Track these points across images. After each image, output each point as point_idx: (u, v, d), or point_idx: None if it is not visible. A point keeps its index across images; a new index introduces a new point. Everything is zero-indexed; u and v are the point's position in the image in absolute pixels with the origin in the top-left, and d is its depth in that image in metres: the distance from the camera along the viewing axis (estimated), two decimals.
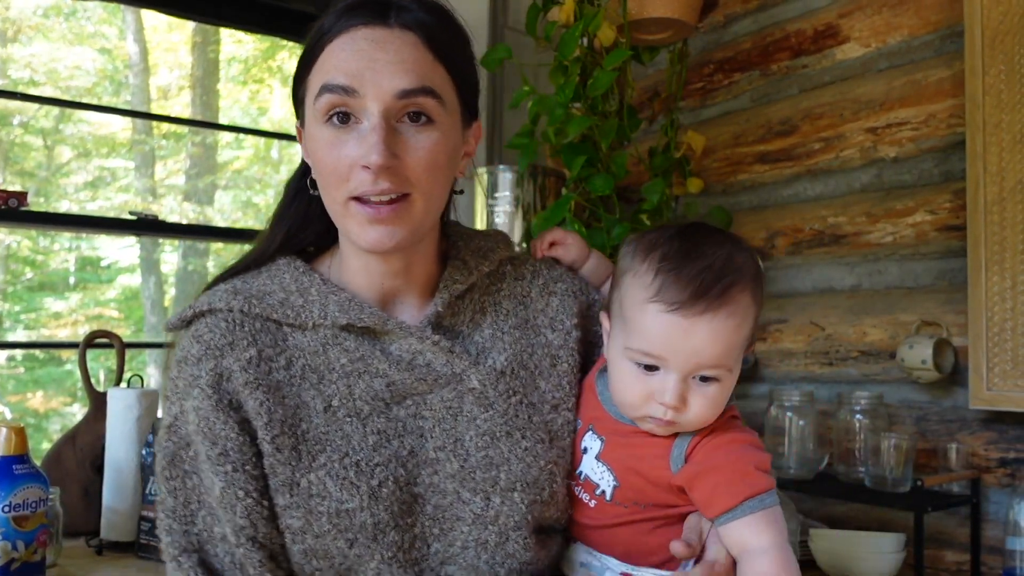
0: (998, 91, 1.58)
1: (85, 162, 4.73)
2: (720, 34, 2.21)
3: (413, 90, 0.79)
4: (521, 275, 0.97)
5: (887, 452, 1.59)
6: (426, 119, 0.81)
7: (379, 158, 0.77)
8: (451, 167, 0.85)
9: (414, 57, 0.80)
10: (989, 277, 1.58)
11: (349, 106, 0.79)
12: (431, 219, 0.85)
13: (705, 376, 0.80)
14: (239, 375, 0.82)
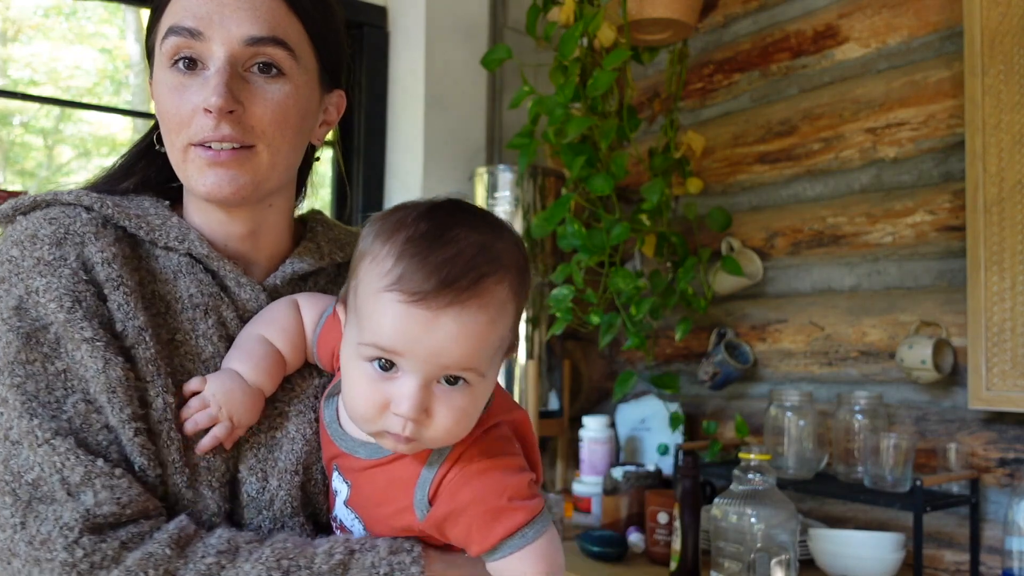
0: (997, 92, 1.59)
1: (85, 162, 4.73)
2: (720, 34, 2.21)
3: (262, 38, 0.75)
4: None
5: (886, 452, 1.60)
6: (276, 71, 0.77)
7: (219, 99, 0.72)
8: (303, 126, 0.80)
9: (267, 5, 0.76)
10: (988, 277, 1.58)
11: (195, 50, 0.75)
12: (277, 176, 0.80)
13: (451, 379, 0.67)
14: (101, 269, 0.75)
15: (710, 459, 1.97)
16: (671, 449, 2.10)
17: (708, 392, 2.17)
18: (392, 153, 2.43)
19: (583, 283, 1.95)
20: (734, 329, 2.12)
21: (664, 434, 2.16)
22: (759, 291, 2.07)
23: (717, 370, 2.04)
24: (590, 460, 2.16)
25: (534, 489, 0.73)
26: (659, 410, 2.19)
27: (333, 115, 0.88)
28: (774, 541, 1.37)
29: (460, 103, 2.49)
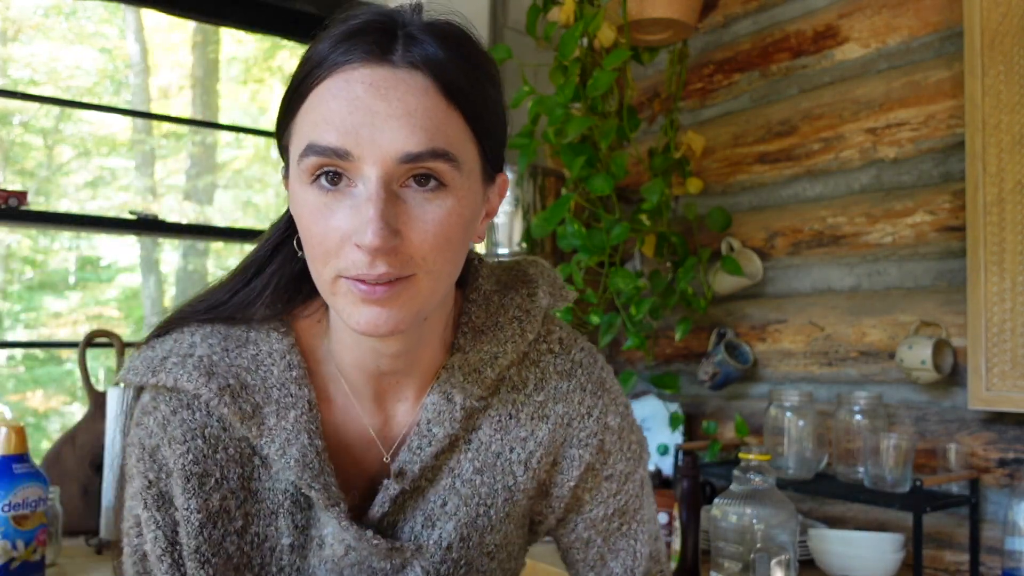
0: (997, 92, 1.59)
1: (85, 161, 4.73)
2: (720, 35, 2.21)
3: (421, 153, 0.63)
4: (522, 382, 0.79)
5: (886, 452, 1.60)
6: (436, 183, 0.65)
7: (376, 239, 0.61)
8: (466, 238, 0.69)
9: (423, 107, 0.64)
10: (988, 278, 1.58)
11: (341, 168, 0.64)
12: (438, 299, 0.69)
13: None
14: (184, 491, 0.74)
15: (710, 459, 1.97)
16: (671, 449, 2.10)
17: (708, 392, 2.17)
18: None
19: (583, 283, 1.95)
20: (734, 329, 2.12)
21: (664, 434, 2.16)
22: (759, 291, 2.07)
23: (717, 370, 2.04)
24: None
25: None
26: (659, 410, 2.19)
27: (495, 203, 0.76)
28: (774, 541, 1.37)
29: None
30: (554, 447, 0.79)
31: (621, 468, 0.84)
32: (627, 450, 0.85)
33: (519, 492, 0.79)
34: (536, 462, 0.79)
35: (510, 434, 0.77)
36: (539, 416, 0.78)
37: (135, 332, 4.89)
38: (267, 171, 5.34)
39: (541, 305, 0.80)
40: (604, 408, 0.82)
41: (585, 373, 0.81)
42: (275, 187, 5.44)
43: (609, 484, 0.84)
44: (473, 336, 0.77)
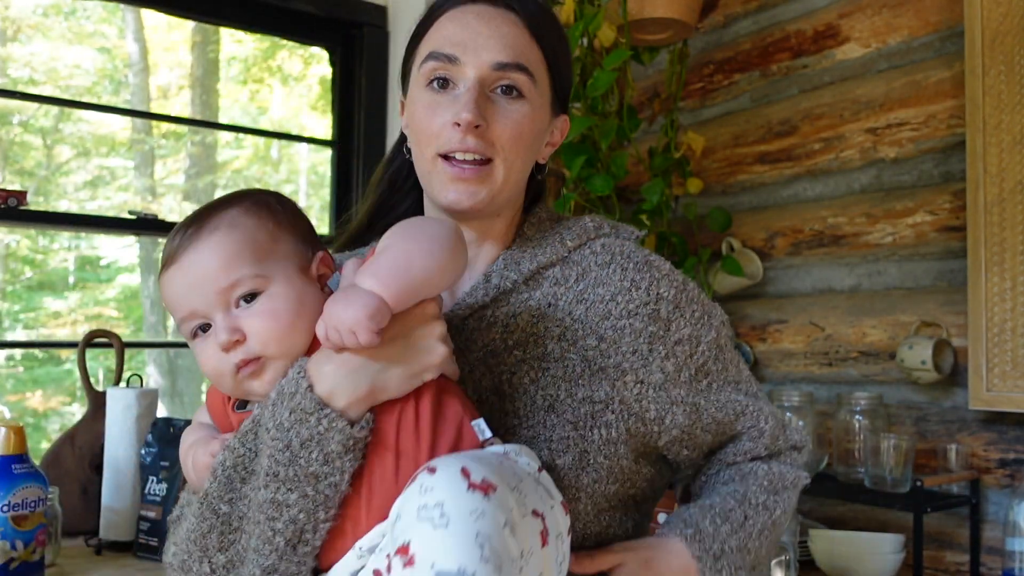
0: (998, 92, 1.59)
1: (84, 161, 4.73)
2: (720, 34, 2.21)
3: (508, 64, 0.84)
4: (565, 278, 0.91)
5: (887, 453, 1.60)
6: (517, 93, 0.86)
7: (469, 115, 0.82)
8: (535, 144, 0.89)
9: (514, 34, 0.86)
10: (989, 278, 1.58)
11: (449, 72, 0.85)
12: (509, 188, 0.87)
13: (243, 293, 0.75)
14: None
15: None
16: None
17: None
18: None
19: None
20: (734, 329, 2.12)
21: None
22: (759, 291, 2.07)
23: None
24: None
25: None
26: None
27: (557, 137, 0.95)
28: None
29: None
30: (592, 324, 0.87)
31: (688, 332, 0.89)
32: (690, 316, 0.90)
33: (554, 356, 0.86)
34: (572, 336, 0.87)
35: (547, 318, 0.88)
36: (577, 300, 0.89)
37: (134, 332, 4.89)
38: (267, 171, 5.33)
39: (587, 226, 0.94)
40: (654, 280, 0.89)
41: (624, 256, 0.91)
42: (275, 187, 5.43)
43: (682, 348, 0.89)
44: (521, 243, 0.93)
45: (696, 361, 0.90)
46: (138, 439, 1.60)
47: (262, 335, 0.74)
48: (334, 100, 2.39)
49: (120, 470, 1.60)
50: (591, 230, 0.94)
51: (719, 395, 0.92)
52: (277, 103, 5.09)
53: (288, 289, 0.76)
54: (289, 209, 0.81)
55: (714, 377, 0.92)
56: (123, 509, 1.59)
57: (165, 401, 4.71)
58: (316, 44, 2.43)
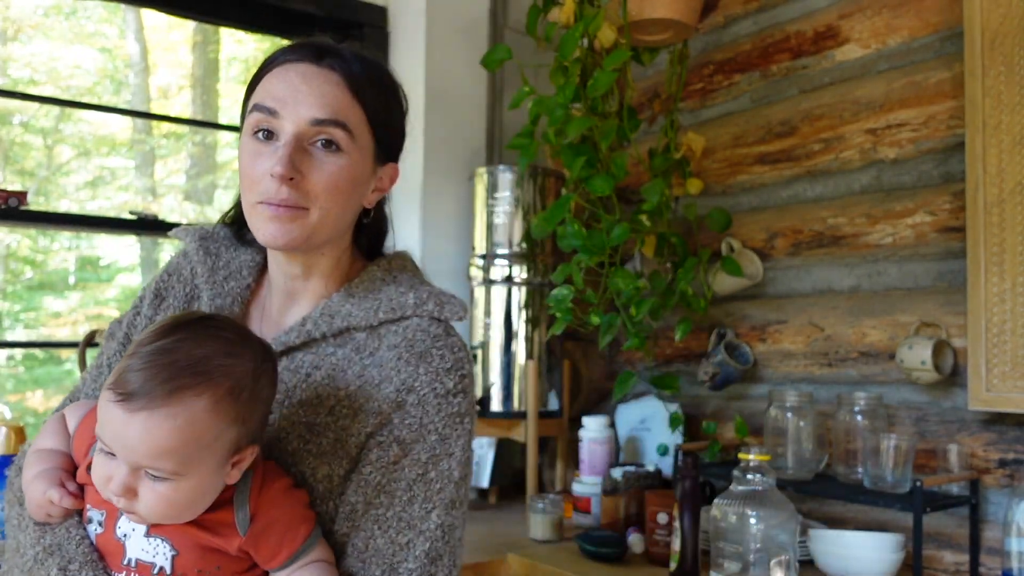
0: (998, 92, 1.59)
1: (85, 161, 4.73)
2: (720, 35, 2.21)
3: (325, 120, 0.91)
4: (364, 347, 0.97)
5: (886, 453, 1.60)
6: (335, 147, 0.92)
7: (282, 168, 0.88)
8: (354, 192, 0.95)
9: (333, 93, 0.92)
10: (988, 278, 1.58)
11: (271, 124, 0.91)
12: (326, 232, 0.94)
13: (153, 474, 0.78)
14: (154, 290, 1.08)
15: (710, 459, 1.97)
16: (671, 449, 2.10)
17: (708, 392, 2.17)
18: None
19: (583, 283, 1.95)
20: (734, 329, 2.12)
21: (664, 434, 2.16)
22: (759, 292, 2.07)
23: (717, 370, 2.04)
24: (590, 460, 2.16)
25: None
26: (659, 410, 2.19)
27: (386, 183, 1.03)
28: (774, 542, 1.37)
29: (460, 103, 2.49)
30: (356, 403, 0.93)
31: (410, 437, 0.92)
32: (425, 424, 0.92)
33: (319, 429, 0.93)
34: (339, 411, 0.93)
35: (335, 382, 0.95)
36: (359, 375, 0.95)
37: None
38: None
39: (406, 302, 0.98)
40: (416, 372, 0.94)
41: (410, 343, 0.95)
42: None
43: (395, 449, 0.92)
44: (343, 298, 0.99)
45: (392, 474, 0.92)
46: None
47: (151, 510, 0.80)
48: None
49: None
50: (408, 307, 0.98)
51: (368, 524, 0.91)
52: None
53: (196, 485, 0.80)
54: (262, 392, 0.85)
55: (388, 505, 0.91)
56: None
57: None
58: None
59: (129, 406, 0.77)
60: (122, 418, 0.77)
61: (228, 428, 0.81)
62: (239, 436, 0.82)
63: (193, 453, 0.78)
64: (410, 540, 0.91)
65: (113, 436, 0.78)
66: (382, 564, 0.90)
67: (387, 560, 0.90)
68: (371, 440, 0.92)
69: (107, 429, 0.79)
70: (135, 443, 0.77)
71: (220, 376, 0.80)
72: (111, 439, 0.78)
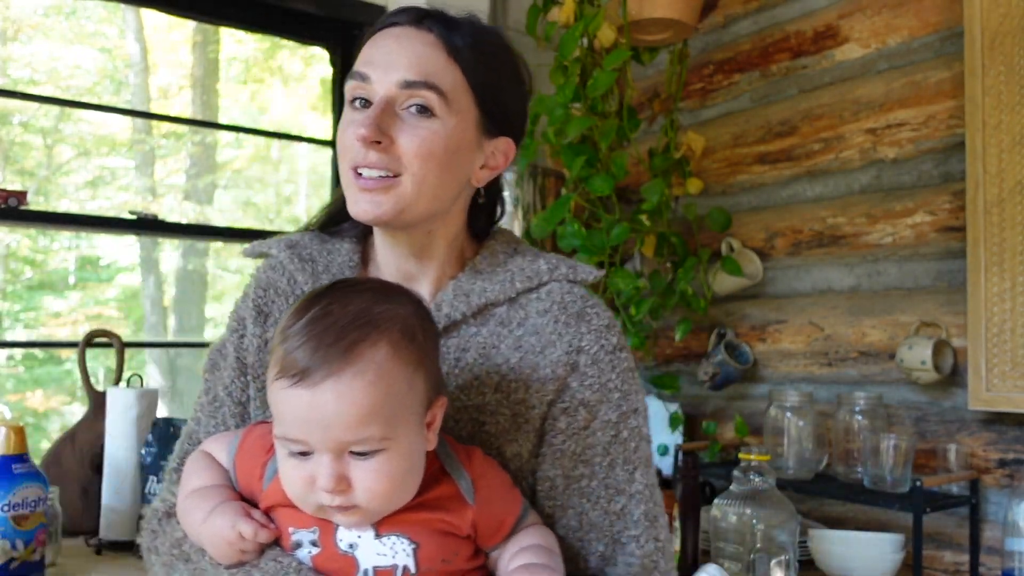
0: (998, 92, 1.59)
1: (85, 161, 4.73)
2: (720, 35, 2.21)
3: (415, 82, 0.85)
4: (509, 320, 0.92)
5: (886, 453, 1.60)
6: (429, 112, 0.85)
7: (365, 130, 0.83)
8: (453, 162, 0.87)
9: (427, 54, 0.86)
10: (988, 278, 1.58)
11: (366, 91, 0.87)
12: (424, 205, 0.87)
13: (360, 451, 0.71)
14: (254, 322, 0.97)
15: (710, 459, 1.96)
16: (671, 449, 2.10)
17: (708, 392, 2.17)
18: None
19: None
20: (734, 329, 2.12)
21: (664, 434, 2.16)
22: (759, 291, 2.07)
23: (717, 370, 2.04)
24: None
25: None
26: (659, 410, 2.19)
27: (500, 160, 0.93)
28: (774, 541, 1.37)
29: None
30: (524, 375, 0.88)
31: (594, 398, 0.88)
32: (603, 382, 0.88)
33: (491, 408, 0.88)
34: (506, 387, 0.88)
35: (490, 361, 0.89)
36: (515, 347, 0.89)
37: (135, 332, 4.89)
38: (267, 171, 5.33)
39: (540, 268, 0.93)
40: (579, 333, 0.89)
41: (560, 307, 0.90)
42: (275, 187, 5.44)
43: (582, 413, 0.87)
44: (472, 275, 0.93)
45: (586, 440, 0.87)
46: (138, 439, 1.60)
47: (370, 492, 0.71)
48: (334, 100, 2.39)
49: (120, 470, 1.60)
50: (543, 273, 0.93)
51: (574, 499, 0.87)
52: (277, 103, 5.09)
53: (407, 451, 0.73)
54: (431, 335, 0.78)
55: (592, 474, 0.87)
56: (123, 509, 1.59)
57: (165, 401, 4.71)
58: (316, 44, 2.43)
59: (311, 381, 0.70)
60: (307, 398, 0.70)
61: (415, 374, 0.74)
62: (426, 383, 0.76)
63: (394, 408, 0.72)
64: (624, 506, 0.87)
65: (303, 423, 0.70)
66: (603, 538, 0.86)
67: (607, 533, 0.86)
68: (553, 408, 0.87)
69: (293, 420, 0.71)
70: (332, 417, 0.69)
71: (386, 322, 0.73)
72: (301, 429, 0.70)
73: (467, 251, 0.96)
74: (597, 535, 0.86)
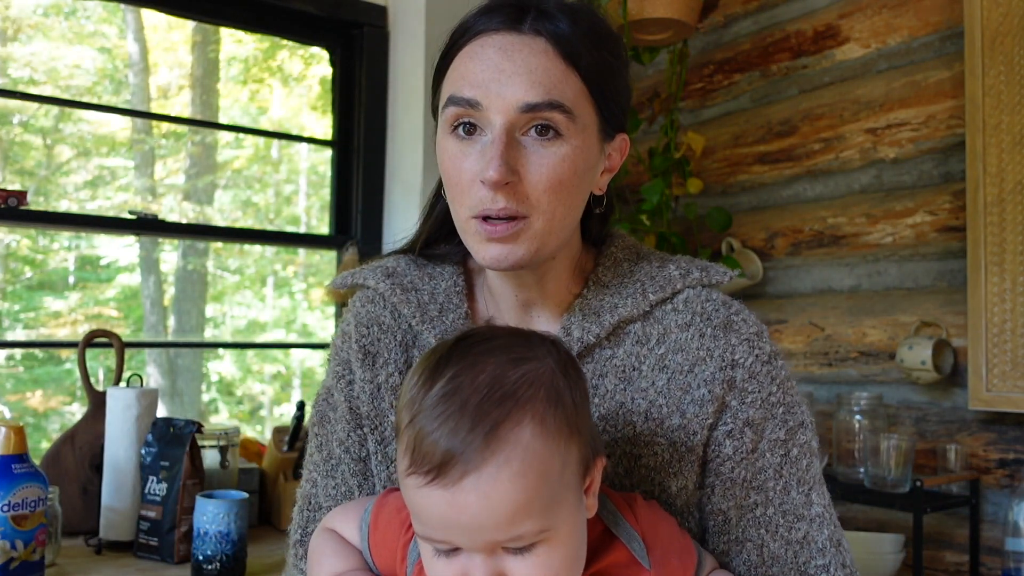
0: (998, 92, 1.59)
1: (85, 161, 4.73)
2: (720, 35, 2.21)
3: (538, 104, 0.74)
4: (646, 337, 0.83)
5: (886, 453, 1.60)
6: (553, 133, 0.75)
7: (495, 173, 0.72)
8: (580, 185, 0.78)
9: (543, 67, 0.75)
10: (988, 278, 1.58)
11: (473, 117, 0.76)
12: (556, 239, 0.78)
13: (516, 547, 0.60)
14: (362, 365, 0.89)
15: None
16: None
17: None
18: (392, 153, 2.43)
19: None
20: None
21: None
22: (759, 291, 2.07)
23: None
24: None
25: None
26: None
27: (616, 160, 0.85)
28: None
29: None
30: (675, 398, 0.79)
31: (758, 416, 0.79)
32: (766, 397, 0.79)
33: (645, 440, 0.79)
34: (658, 413, 0.79)
35: (632, 384, 0.80)
36: (659, 367, 0.81)
37: (134, 332, 4.89)
38: (267, 171, 5.34)
39: (671, 275, 0.85)
40: (729, 345, 0.81)
41: (704, 319, 0.82)
42: (275, 186, 5.44)
43: (748, 433, 0.79)
44: (598, 290, 0.84)
45: (756, 464, 0.78)
46: (138, 439, 1.60)
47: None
48: (334, 100, 2.39)
49: (120, 470, 1.60)
50: (676, 279, 0.84)
51: (751, 530, 0.79)
52: (277, 103, 5.10)
53: (569, 534, 0.63)
54: (580, 390, 0.66)
55: (767, 501, 0.78)
56: (123, 509, 1.59)
57: (165, 401, 4.71)
58: (316, 44, 2.43)
59: (448, 479, 0.59)
60: (447, 498, 0.59)
61: (568, 446, 0.62)
62: (582, 450, 0.65)
63: (548, 496, 0.61)
64: (806, 533, 0.79)
65: (446, 525, 0.60)
66: (788, 571, 0.78)
67: (791, 564, 0.78)
68: (715, 432, 0.79)
69: (432, 521, 0.60)
70: (478, 520, 0.59)
71: (527, 389, 0.62)
72: (444, 530, 0.60)
73: (586, 263, 0.87)
74: (781, 569, 0.78)
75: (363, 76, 2.37)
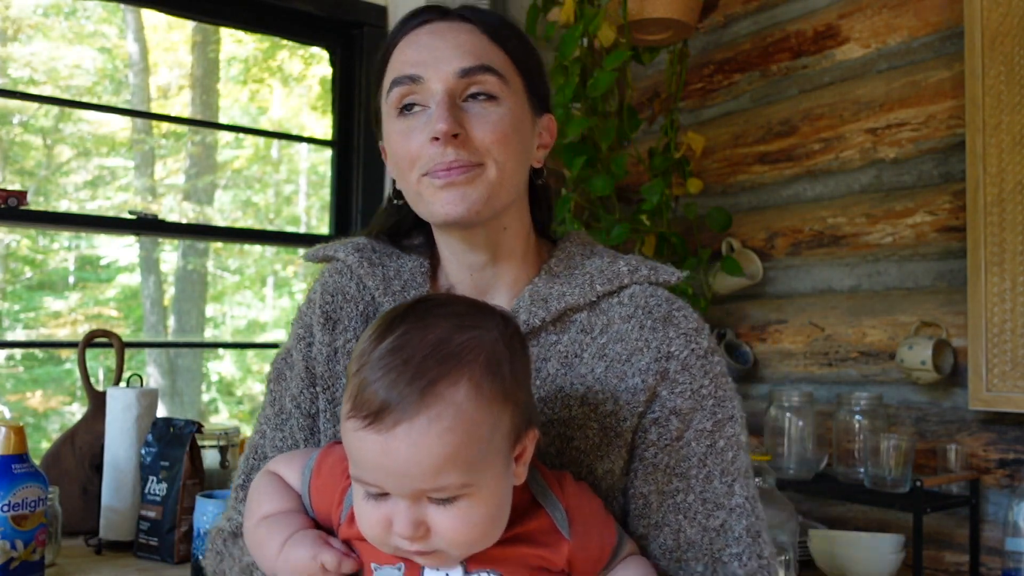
0: (998, 92, 1.59)
1: (85, 161, 4.73)
2: (720, 35, 2.21)
3: (472, 68, 0.81)
4: (590, 326, 0.86)
5: (886, 453, 1.60)
6: (490, 96, 0.82)
7: (444, 124, 0.78)
8: (522, 144, 0.84)
9: (472, 40, 0.83)
10: (988, 278, 1.58)
11: (417, 94, 0.81)
12: (506, 192, 0.83)
13: (439, 498, 0.64)
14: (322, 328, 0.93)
15: None
16: None
17: None
18: None
19: None
20: (734, 329, 2.12)
21: None
22: (759, 291, 2.07)
23: None
24: None
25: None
26: None
27: (547, 138, 0.91)
28: (774, 542, 1.37)
29: None
30: (611, 386, 0.83)
31: (686, 406, 0.82)
32: (696, 389, 0.82)
33: (578, 422, 0.83)
34: (593, 398, 0.83)
35: (573, 370, 0.84)
36: (599, 355, 0.84)
37: (134, 332, 4.89)
38: (267, 171, 5.34)
39: (620, 270, 0.88)
40: (667, 338, 0.84)
41: (645, 312, 0.85)
42: (274, 186, 5.44)
43: (674, 422, 0.82)
44: (549, 279, 0.88)
45: (679, 452, 0.82)
46: (138, 439, 1.60)
47: (451, 538, 0.65)
48: (334, 100, 2.39)
49: (120, 470, 1.60)
50: (624, 274, 0.88)
51: (670, 515, 0.81)
52: (277, 103, 5.10)
53: (491, 493, 0.66)
54: (521, 363, 0.71)
55: (687, 487, 0.81)
56: (123, 509, 1.59)
57: (165, 401, 4.71)
58: (316, 44, 2.43)
59: (383, 425, 0.63)
60: (380, 443, 0.63)
61: (501, 412, 0.66)
62: (515, 419, 0.68)
63: (475, 453, 0.64)
64: (724, 522, 0.81)
65: (376, 469, 0.64)
66: (703, 557, 0.80)
67: (706, 551, 0.80)
68: (644, 420, 0.82)
69: (365, 463, 0.65)
70: (406, 466, 0.63)
71: (469, 353, 0.66)
72: (374, 473, 0.65)
73: (541, 254, 0.92)
74: (696, 554, 0.80)
75: (363, 76, 2.37)
